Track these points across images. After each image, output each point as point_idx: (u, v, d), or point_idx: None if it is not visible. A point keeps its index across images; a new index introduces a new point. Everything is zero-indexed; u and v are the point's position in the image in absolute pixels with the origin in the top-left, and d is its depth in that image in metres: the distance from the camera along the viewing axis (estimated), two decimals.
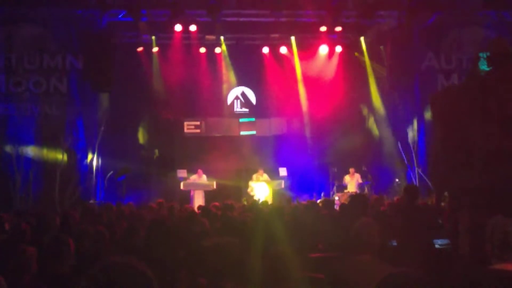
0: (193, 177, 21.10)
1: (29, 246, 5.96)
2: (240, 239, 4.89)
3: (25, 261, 5.75)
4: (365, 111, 23.24)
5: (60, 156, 19.38)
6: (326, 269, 5.68)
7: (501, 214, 5.15)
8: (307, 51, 23.16)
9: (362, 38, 22.28)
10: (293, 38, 22.52)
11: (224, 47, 22.74)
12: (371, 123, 23.02)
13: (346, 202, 13.61)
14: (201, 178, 21.00)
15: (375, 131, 22.80)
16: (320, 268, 6.48)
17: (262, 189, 20.34)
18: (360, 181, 20.80)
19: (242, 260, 4.32)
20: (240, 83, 23.88)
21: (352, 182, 20.76)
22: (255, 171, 21.17)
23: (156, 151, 21.99)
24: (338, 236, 7.66)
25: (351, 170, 20.95)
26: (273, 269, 4.41)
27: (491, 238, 4.57)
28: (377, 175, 21.48)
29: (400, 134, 21.34)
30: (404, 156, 20.54)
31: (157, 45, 22.01)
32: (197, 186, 20.70)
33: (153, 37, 21.57)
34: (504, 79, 7.23)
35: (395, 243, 8.78)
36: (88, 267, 2.84)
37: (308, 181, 22.28)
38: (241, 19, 20.74)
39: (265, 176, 21.22)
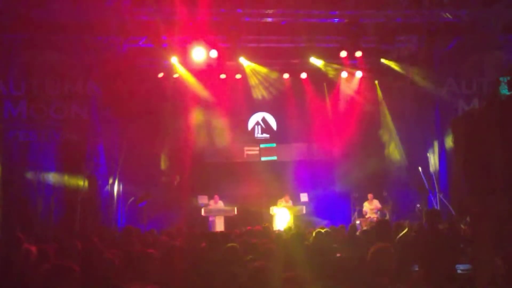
0: (210, 203, 21.06)
1: None
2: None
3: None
4: (385, 136, 23.13)
5: (81, 182, 19.41)
6: None
7: None
8: (327, 76, 23.13)
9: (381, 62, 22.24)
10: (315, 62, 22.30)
11: (245, 72, 22.74)
12: (392, 148, 22.90)
13: (368, 228, 13.57)
14: (218, 204, 20.96)
15: (396, 156, 22.66)
16: None
17: (283, 215, 20.27)
18: (379, 206, 20.72)
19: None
20: (260, 108, 23.94)
21: (371, 207, 20.69)
22: (277, 197, 21.12)
23: (178, 177, 22.04)
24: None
25: (370, 196, 20.94)
26: None
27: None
28: (398, 201, 21.38)
29: (421, 159, 21.20)
30: (425, 181, 20.38)
31: (177, 71, 22.05)
32: (218, 212, 20.63)
33: (174, 63, 21.52)
34: None
35: (416, 268, 8.72)
36: None
37: (330, 206, 22.20)
38: (261, 45, 20.79)
39: (290, 202, 21.17)
